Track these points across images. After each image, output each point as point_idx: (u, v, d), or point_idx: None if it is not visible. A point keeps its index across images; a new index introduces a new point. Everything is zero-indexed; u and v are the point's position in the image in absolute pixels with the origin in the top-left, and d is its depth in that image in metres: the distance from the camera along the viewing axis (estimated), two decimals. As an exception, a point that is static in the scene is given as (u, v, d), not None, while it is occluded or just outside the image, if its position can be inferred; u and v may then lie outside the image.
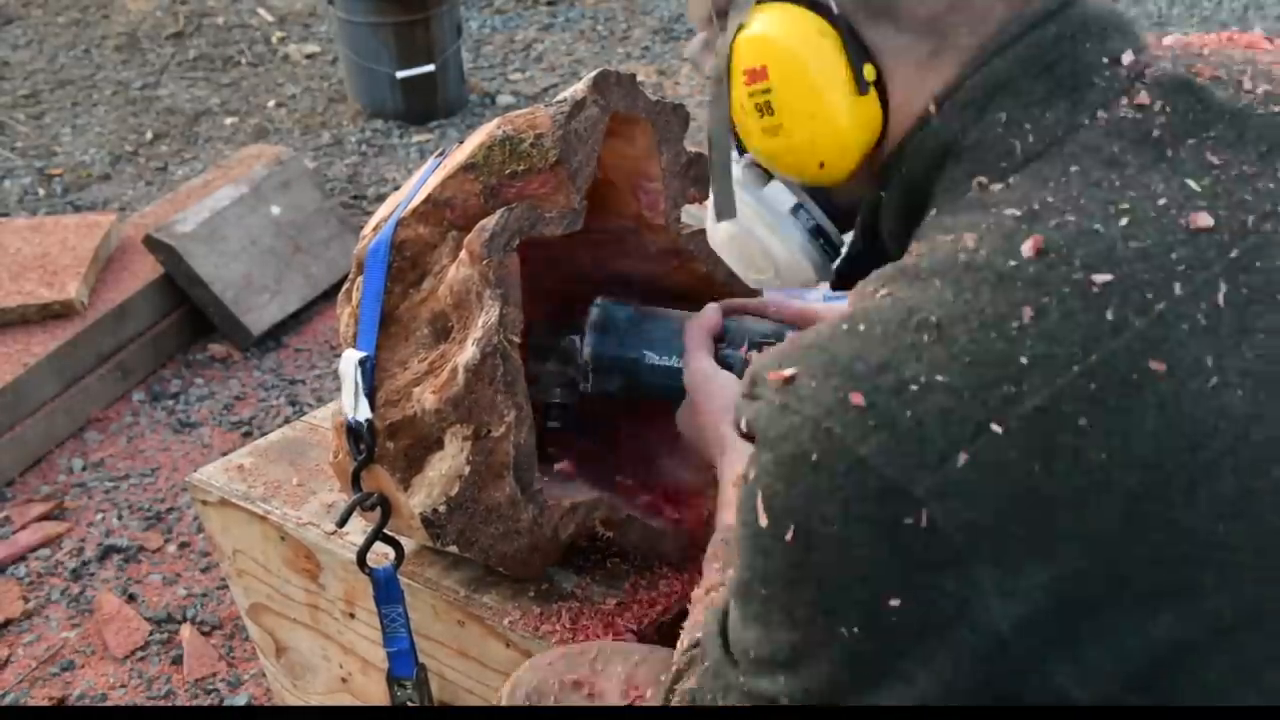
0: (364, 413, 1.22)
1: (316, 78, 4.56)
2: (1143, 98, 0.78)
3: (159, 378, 2.94)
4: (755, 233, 0.98)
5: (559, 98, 1.22)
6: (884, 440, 0.67)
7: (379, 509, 1.28)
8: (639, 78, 1.27)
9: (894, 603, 0.68)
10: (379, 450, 1.24)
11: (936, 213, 0.79)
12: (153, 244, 2.95)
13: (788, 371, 0.72)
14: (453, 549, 1.28)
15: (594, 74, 1.22)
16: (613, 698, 1.03)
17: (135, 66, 4.68)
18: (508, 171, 1.20)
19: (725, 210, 0.95)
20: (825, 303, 1.19)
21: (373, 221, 1.29)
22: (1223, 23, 4.63)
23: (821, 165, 0.87)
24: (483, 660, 1.32)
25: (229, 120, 4.27)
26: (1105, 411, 0.67)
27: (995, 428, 0.66)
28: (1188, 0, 4.88)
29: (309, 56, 4.74)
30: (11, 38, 4.94)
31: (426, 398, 1.19)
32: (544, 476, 1.23)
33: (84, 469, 2.63)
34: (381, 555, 1.29)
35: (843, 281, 0.94)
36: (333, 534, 1.42)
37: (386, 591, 1.28)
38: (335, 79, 4.47)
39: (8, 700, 2.05)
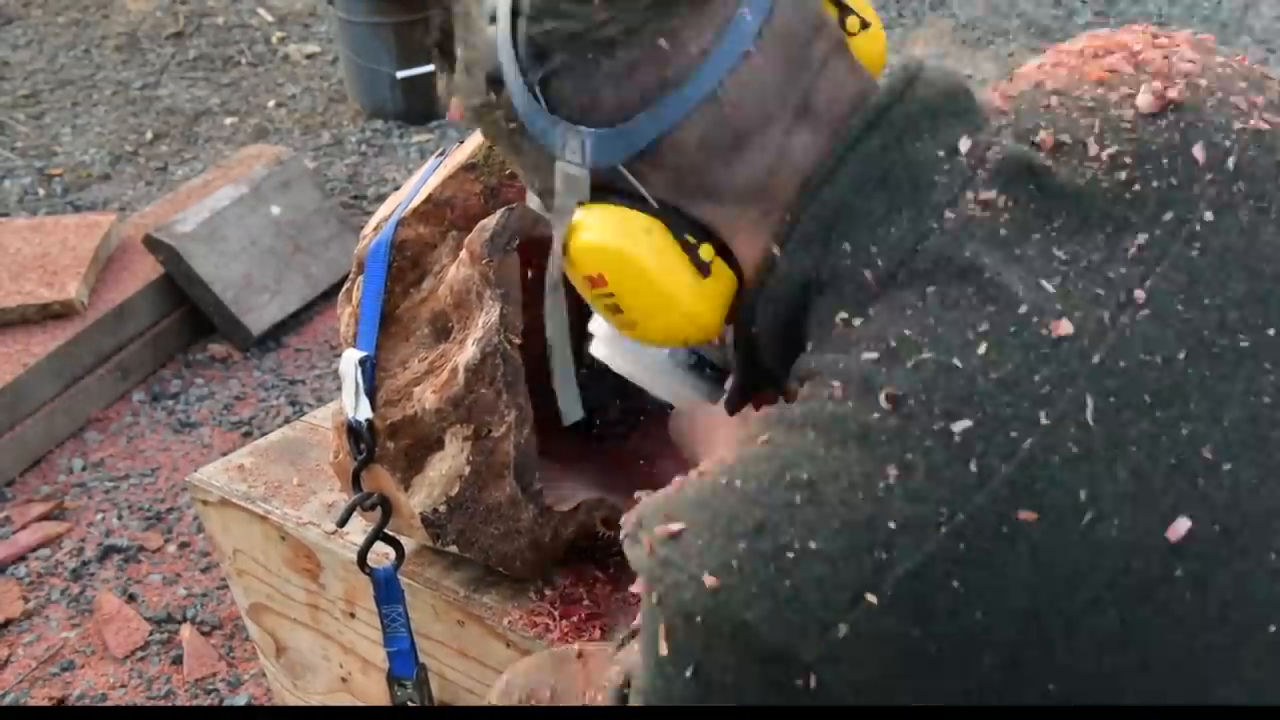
0: (364, 412, 1.22)
1: (316, 78, 4.56)
2: (985, 193, 0.74)
3: (159, 378, 2.94)
4: (639, 378, 0.99)
5: (559, 98, 1.22)
6: (766, 608, 0.67)
7: (379, 509, 1.28)
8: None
9: None
10: (379, 450, 1.24)
11: (811, 348, 0.77)
12: (153, 244, 2.95)
13: (674, 527, 0.71)
14: (453, 549, 1.28)
15: (594, 74, 1.22)
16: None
17: (135, 66, 4.67)
18: (508, 171, 1.20)
19: (570, 411, 0.96)
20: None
21: (373, 221, 1.29)
22: (1223, 23, 4.64)
23: (686, 340, 0.85)
24: (483, 660, 1.32)
25: (229, 120, 4.27)
26: (977, 570, 0.66)
27: (870, 597, 0.66)
28: (1187, 0, 4.88)
29: (309, 56, 4.74)
30: (11, 38, 4.94)
31: (427, 397, 1.19)
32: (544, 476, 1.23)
33: (84, 469, 2.63)
34: (382, 555, 1.29)
35: (737, 410, 0.94)
36: (333, 534, 1.42)
37: (387, 591, 1.28)
38: (335, 79, 4.47)
39: (8, 700, 2.05)
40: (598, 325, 1.03)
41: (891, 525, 0.66)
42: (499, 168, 1.21)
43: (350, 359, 1.23)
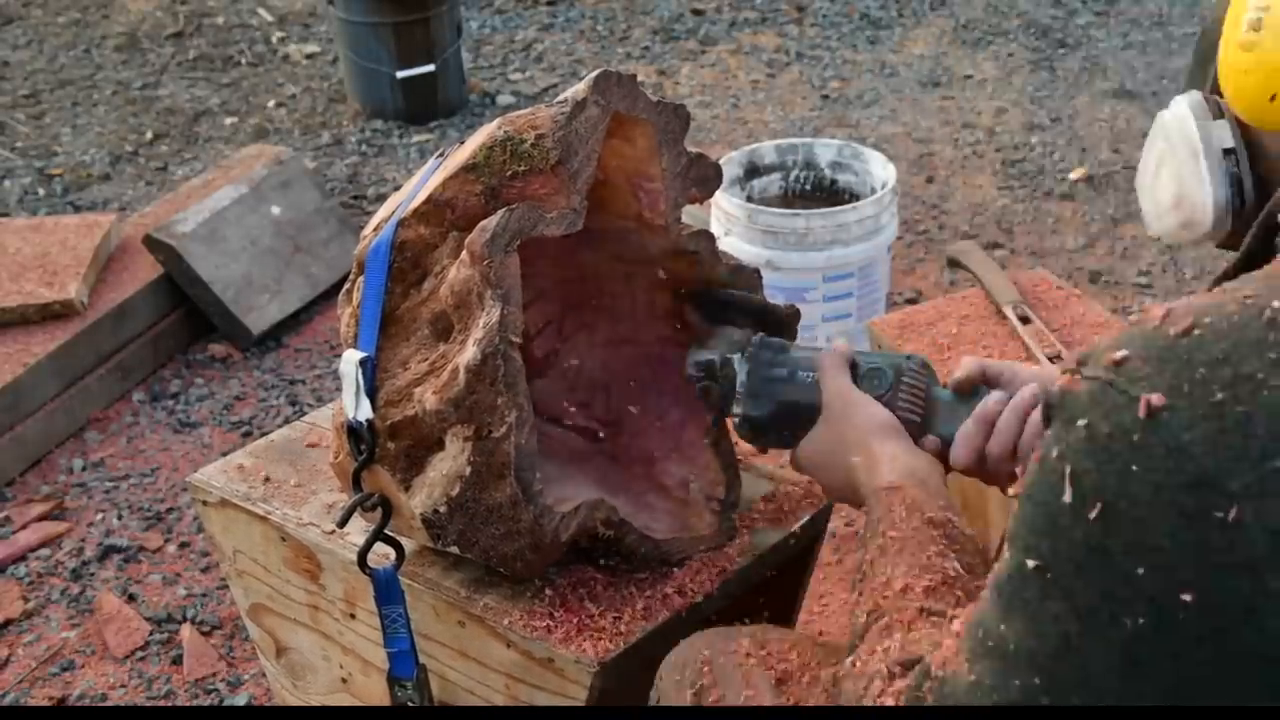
0: (365, 413, 1.22)
1: (316, 78, 4.56)
2: None
3: (159, 378, 2.93)
4: (1179, 154, 1.02)
5: (559, 98, 1.22)
6: (1209, 430, 0.67)
7: (380, 509, 1.28)
8: (639, 78, 1.27)
9: (1186, 598, 0.68)
10: (380, 450, 1.24)
11: None
12: (153, 244, 2.95)
13: (1120, 354, 0.71)
14: (453, 549, 1.28)
15: (594, 74, 1.22)
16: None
17: (135, 66, 4.67)
18: (508, 172, 1.20)
19: (1193, 80, 1.04)
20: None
21: (373, 222, 1.29)
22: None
23: (1272, 98, 0.90)
24: (483, 661, 1.32)
25: (229, 120, 4.27)
26: None
27: None
28: (1188, 0, 4.88)
29: (309, 56, 4.74)
30: (11, 38, 4.94)
31: (427, 398, 1.19)
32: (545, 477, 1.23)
33: (84, 469, 2.62)
34: (382, 556, 1.29)
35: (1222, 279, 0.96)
36: (333, 534, 1.42)
37: (387, 592, 1.28)
38: (335, 79, 4.47)
39: (8, 700, 2.05)
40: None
41: None
42: (500, 168, 1.20)
43: (350, 359, 1.23)
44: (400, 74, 4.04)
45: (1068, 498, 0.71)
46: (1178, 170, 1.03)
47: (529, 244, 1.19)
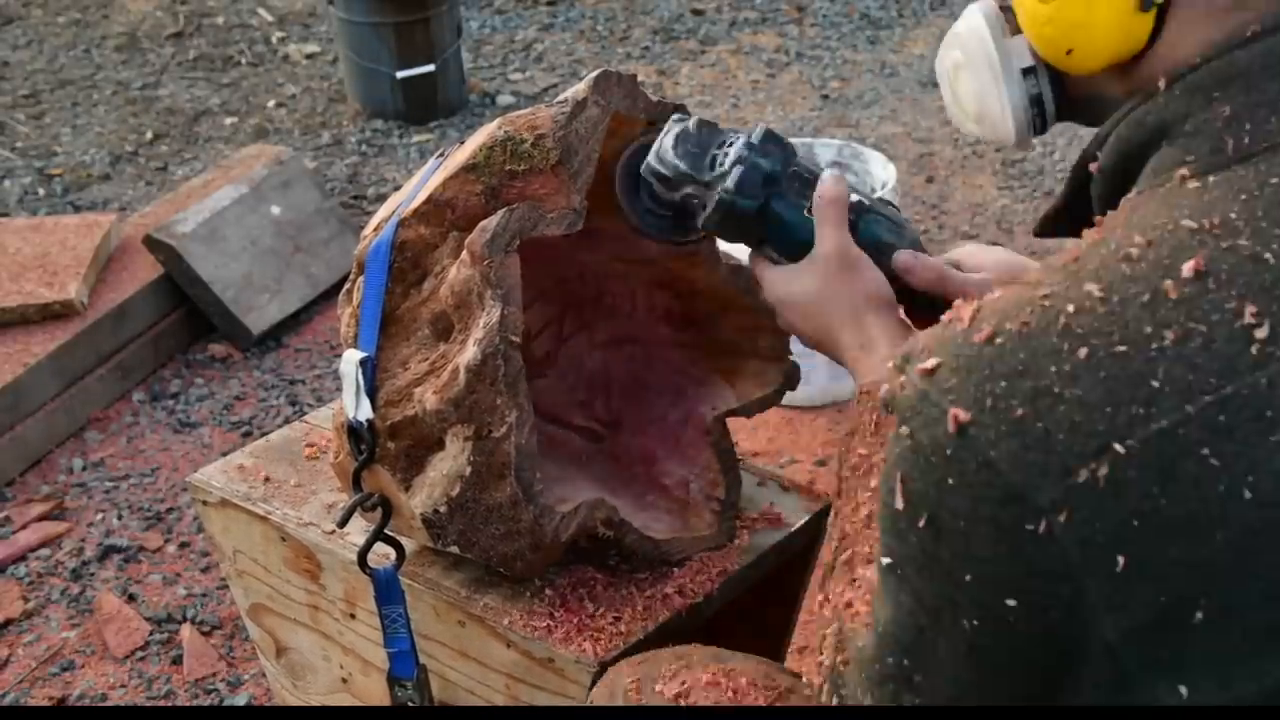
0: (365, 413, 1.22)
1: (316, 78, 4.56)
2: None
3: (159, 378, 2.94)
4: (979, 73, 1.00)
5: (560, 98, 1.22)
6: (1013, 447, 0.68)
7: (380, 509, 1.28)
8: (639, 78, 1.26)
9: (1010, 603, 0.70)
10: (380, 450, 1.24)
11: (1136, 192, 0.80)
12: (153, 244, 2.95)
13: (932, 362, 0.72)
14: (454, 549, 1.28)
15: (595, 74, 1.22)
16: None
17: (135, 66, 4.67)
18: (508, 172, 1.20)
19: None
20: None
21: (374, 222, 1.29)
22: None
23: (1069, 52, 0.89)
24: (483, 661, 1.32)
25: (229, 120, 4.27)
26: (1232, 444, 0.67)
27: (1118, 447, 0.67)
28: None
29: (309, 56, 4.74)
30: (11, 38, 4.94)
31: (428, 398, 1.19)
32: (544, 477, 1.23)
33: (84, 469, 2.62)
34: (382, 556, 1.29)
35: (1048, 231, 0.96)
36: (333, 534, 1.42)
37: (387, 592, 1.28)
38: (335, 79, 4.47)
39: (8, 700, 2.05)
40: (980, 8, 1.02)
41: (1155, 384, 0.68)
42: (500, 168, 1.20)
43: (351, 359, 1.23)
44: (400, 74, 4.05)
45: (899, 504, 0.73)
46: (977, 86, 1.01)
47: (529, 244, 1.19)
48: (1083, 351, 0.69)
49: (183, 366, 2.98)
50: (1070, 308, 0.71)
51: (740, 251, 1.23)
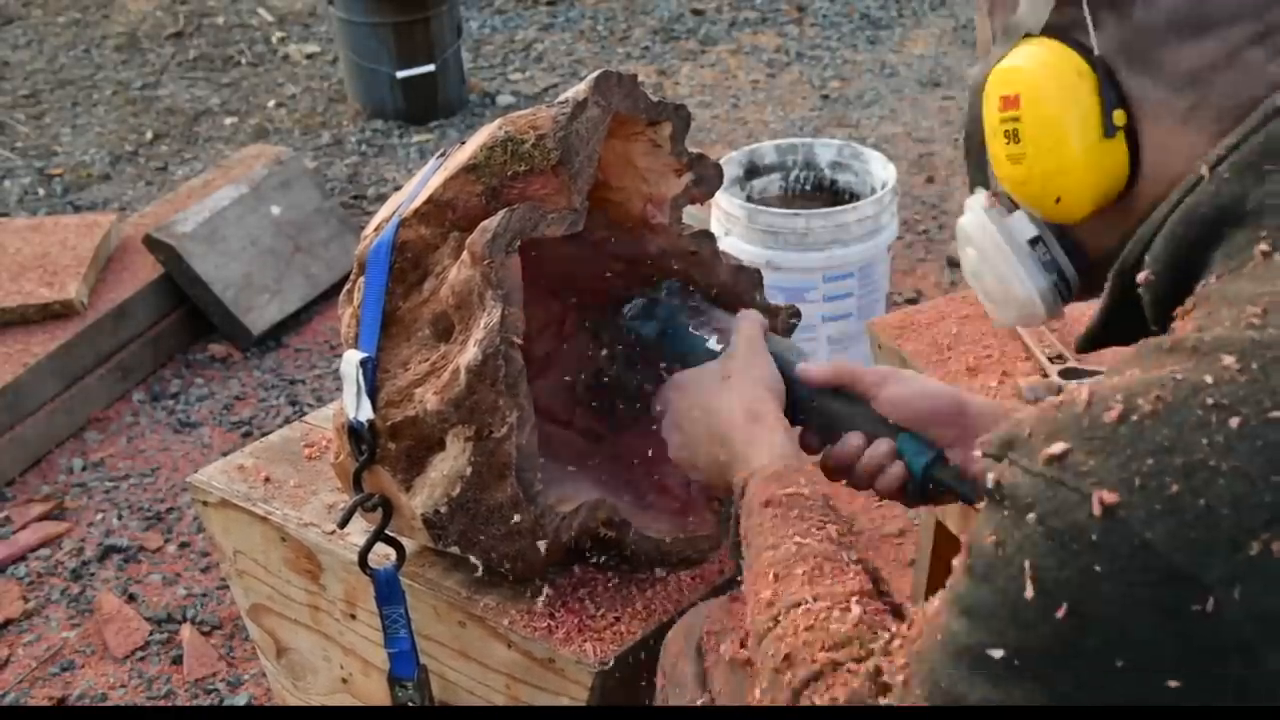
0: (366, 413, 1.22)
1: (316, 78, 4.56)
2: None
3: (159, 378, 2.94)
4: (993, 258, 1.00)
5: (560, 98, 1.22)
6: (1171, 526, 0.66)
7: (380, 510, 1.28)
8: (639, 78, 1.27)
9: (1172, 684, 0.67)
10: (380, 451, 1.24)
11: (1216, 280, 0.77)
12: (153, 244, 2.95)
13: (1057, 448, 0.69)
14: (454, 550, 1.28)
15: (595, 75, 1.22)
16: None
17: (135, 66, 4.67)
18: (509, 172, 1.20)
19: (975, 179, 1.02)
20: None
21: (374, 222, 1.29)
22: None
23: (1058, 200, 0.89)
24: (484, 661, 1.32)
25: (229, 120, 4.27)
26: None
27: None
28: (1187, 1, 4.89)
29: (309, 56, 4.74)
30: (11, 38, 4.94)
31: (428, 398, 1.19)
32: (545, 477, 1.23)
33: (84, 469, 2.63)
34: (383, 556, 1.29)
35: (1093, 346, 0.94)
36: (334, 534, 1.42)
37: (388, 592, 1.28)
38: (335, 79, 4.47)
39: (8, 700, 2.05)
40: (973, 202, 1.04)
41: None
42: (500, 168, 1.20)
43: (351, 360, 1.23)
44: (400, 74, 4.05)
45: (1030, 594, 0.69)
46: (996, 271, 1.01)
47: (530, 244, 1.19)
48: (1234, 422, 0.66)
49: (183, 366, 2.98)
50: (1208, 379, 0.68)
51: (741, 251, 1.23)
